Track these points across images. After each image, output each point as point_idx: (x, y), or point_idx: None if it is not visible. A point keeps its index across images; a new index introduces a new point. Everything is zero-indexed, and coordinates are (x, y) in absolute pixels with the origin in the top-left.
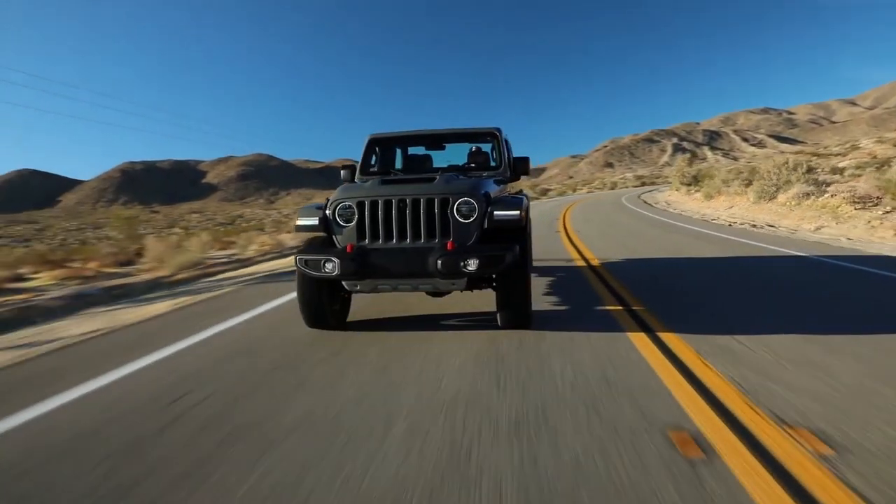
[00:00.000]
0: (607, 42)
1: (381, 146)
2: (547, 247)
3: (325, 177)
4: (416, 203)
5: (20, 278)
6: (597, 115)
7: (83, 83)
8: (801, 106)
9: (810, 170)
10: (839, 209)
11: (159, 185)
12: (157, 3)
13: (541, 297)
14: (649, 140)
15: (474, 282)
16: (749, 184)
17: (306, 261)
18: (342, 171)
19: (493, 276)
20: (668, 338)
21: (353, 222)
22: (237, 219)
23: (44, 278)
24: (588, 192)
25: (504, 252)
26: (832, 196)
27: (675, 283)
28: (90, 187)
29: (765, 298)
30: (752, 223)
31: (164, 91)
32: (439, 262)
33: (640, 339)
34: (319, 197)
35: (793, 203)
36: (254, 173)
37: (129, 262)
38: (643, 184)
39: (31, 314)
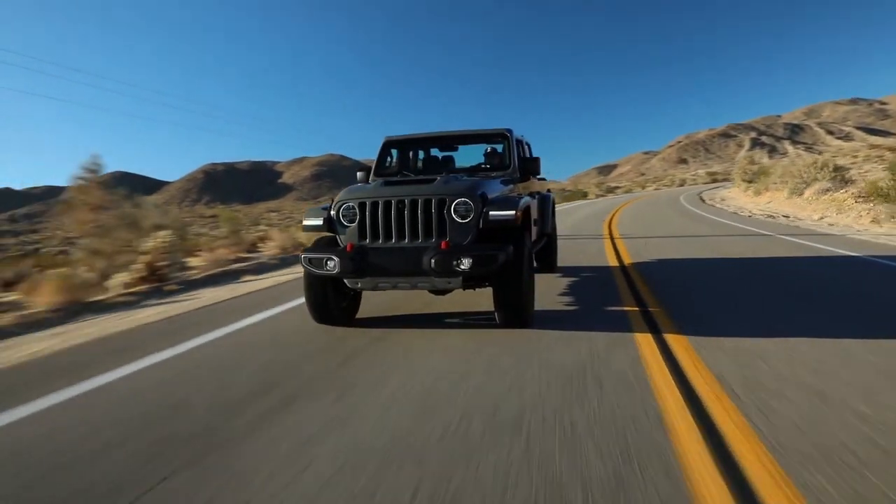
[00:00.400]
0: (682, 34)
1: (398, 148)
2: (583, 225)
3: None
4: (414, 204)
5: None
6: (671, 109)
7: (168, 89)
8: (894, 96)
9: (837, 169)
10: (844, 203)
11: (238, 185)
12: (236, 10)
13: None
14: (725, 135)
15: (470, 281)
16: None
17: (310, 259)
18: (359, 174)
19: (489, 275)
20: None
21: (356, 222)
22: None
23: (199, 261)
24: (655, 189)
25: (497, 251)
26: (845, 192)
27: (661, 244)
28: (176, 188)
29: (709, 260)
30: (772, 214)
31: (244, 95)
32: (433, 260)
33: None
34: None
35: (812, 198)
36: (327, 173)
37: (252, 250)
38: (714, 180)
39: (256, 270)
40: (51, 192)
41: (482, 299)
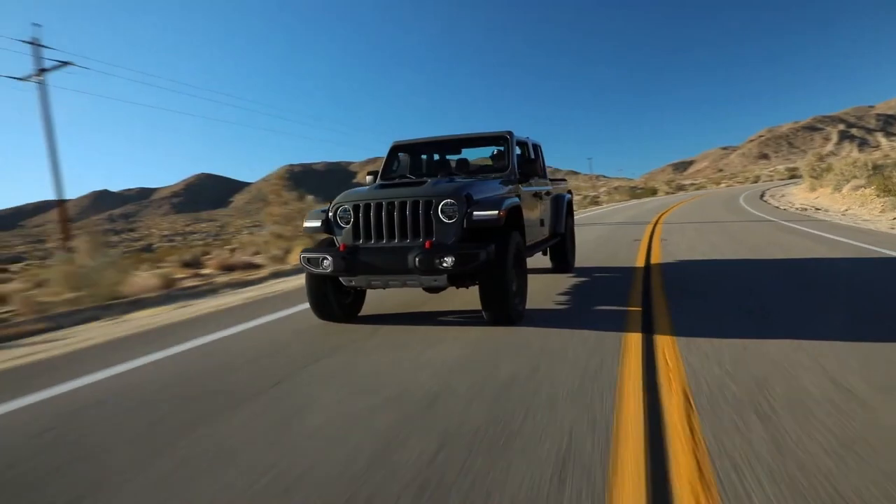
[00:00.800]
0: (765, 21)
1: (406, 152)
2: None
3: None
4: (402, 205)
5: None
6: (752, 101)
7: (245, 93)
8: None
9: (876, 168)
10: (868, 197)
11: (315, 185)
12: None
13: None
14: (811, 128)
15: (456, 279)
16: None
17: (307, 258)
18: (368, 177)
19: (473, 273)
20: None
21: (350, 224)
22: None
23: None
24: (727, 187)
25: (478, 250)
26: (872, 188)
27: (683, 227)
28: (256, 188)
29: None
30: (807, 207)
31: (317, 97)
32: (417, 259)
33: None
34: None
35: (847, 193)
36: None
37: None
38: (792, 176)
39: None
40: (143, 194)
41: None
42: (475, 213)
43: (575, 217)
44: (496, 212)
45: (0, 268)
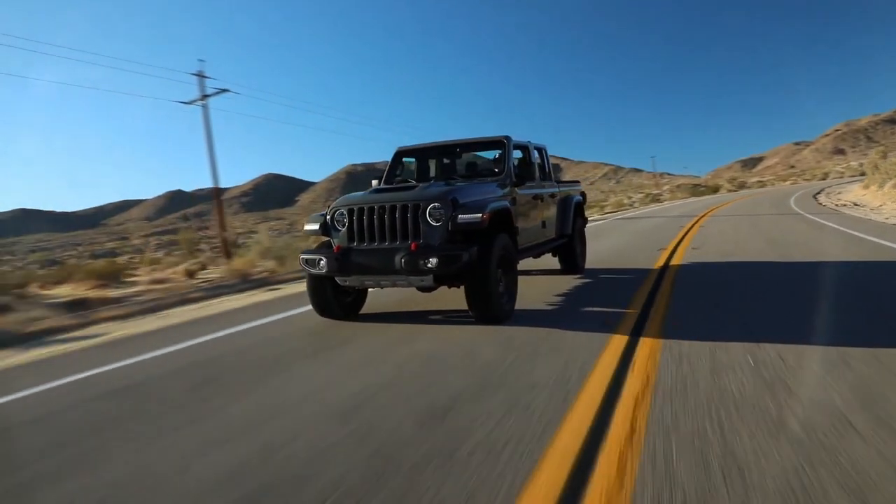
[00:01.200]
0: (839, 11)
1: (409, 157)
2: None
3: None
4: (393, 209)
5: None
6: (827, 93)
7: (310, 96)
8: None
9: None
10: None
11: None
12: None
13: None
14: (892, 121)
15: (442, 279)
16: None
17: (305, 259)
18: (373, 182)
19: (457, 273)
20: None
21: (345, 226)
22: None
23: None
24: (791, 185)
25: (461, 252)
26: None
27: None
28: (321, 188)
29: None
30: (846, 203)
31: (378, 98)
32: (403, 260)
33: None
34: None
35: (888, 191)
36: None
37: None
38: (862, 173)
39: None
40: (216, 194)
41: None
42: (460, 216)
43: (635, 211)
44: (480, 215)
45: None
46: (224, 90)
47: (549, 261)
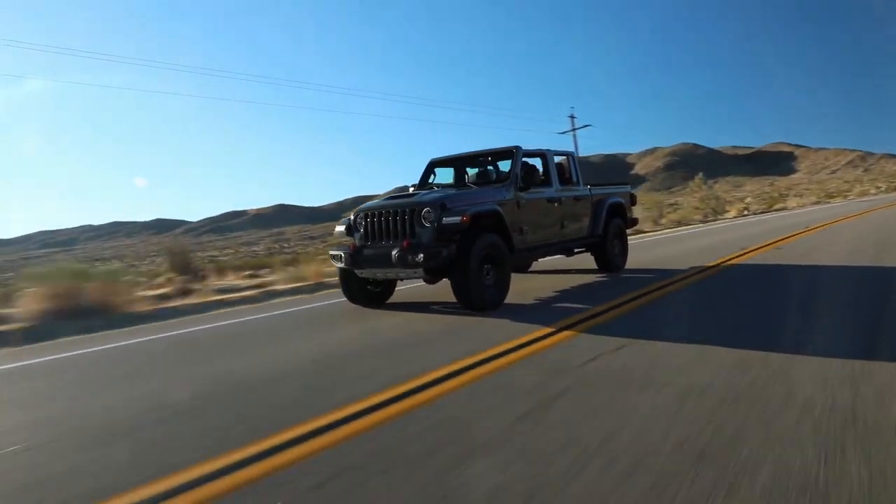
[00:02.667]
0: None
1: (443, 166)
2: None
3: (754, 163)
4: (395, 213)
5: None
6: None
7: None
8: None
9: None
10: None
11: (592, 177)
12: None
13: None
14: None
15: (432, 272)
16: None
17: (332, 255)
18: (410, 188)
19: (442, 267)
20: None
21: (362, 228)
22: (671, 204)
23: None
24: None
25: (441, 248)
26: None
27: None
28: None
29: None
30: None
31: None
32: (395, 255)
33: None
34: (751, 185)
35: None
36: (679, 163)
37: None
38: None
39: None
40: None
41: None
42: (444, 218)
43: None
44: (460, 217)
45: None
46: (587, 125)
47: (589, 260)
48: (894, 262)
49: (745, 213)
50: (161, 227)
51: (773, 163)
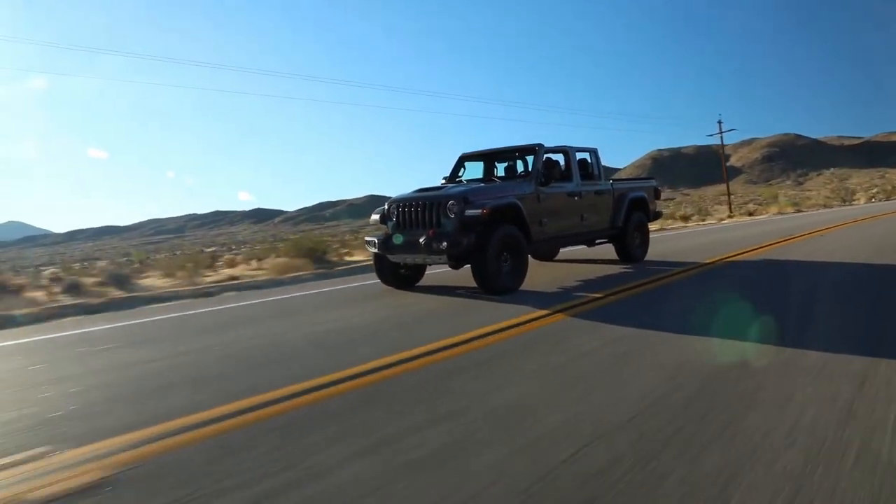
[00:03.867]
0: None
1: (470, 161)
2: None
3: (862, 154)
4: (423, 204)
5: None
6: None
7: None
8: None
9: None
10: None
11: (685, 169)
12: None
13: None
14: None
15: (454, 259)
16: None
17: (367, 241)
18: (441, 180)
19: (464, 254)
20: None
21: (394, 218)
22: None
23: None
24: None
25: (462, 237)
26: None
27: None
28: (626, 174)
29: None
30: None
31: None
32: (423, 242)
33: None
34: (857, 177)
35: None
36: (779, 154)
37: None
38: None
39: None
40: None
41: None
42: (466, 211)
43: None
44: (480, 210)
45: None
46: (732, 129)
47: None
48: None
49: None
50: (260, 216)
51: (884, 154)
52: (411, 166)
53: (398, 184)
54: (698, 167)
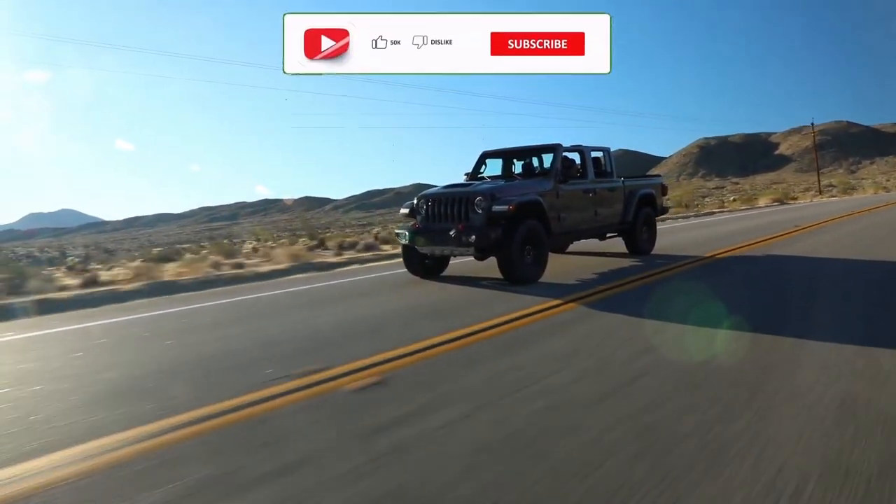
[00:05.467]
0: None
1: (494, 158)
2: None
3: None
4: (452, 200)
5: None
6: None
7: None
8: None
9: None
10: None
11: (732, 158)
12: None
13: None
14: None
15: (481, 251)
16: None
17: (396, 232)
18: (464, 177)
19: (491, 246)
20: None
21: (423, 211)
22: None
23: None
24: None
25: (490, 231)
26: None
27: None
28: (672, 163)
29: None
30: None
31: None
32: (452, 234)
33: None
34: None
35: None
36: (830, 142)
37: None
38: None
39: None
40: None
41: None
42: (493, 206)
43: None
44: (507, 206)
45: None
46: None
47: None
48: None
49: None
50: (309, 203)
51: None
52: (453, 155)
53: (441, 174)
54: (745, 156)
